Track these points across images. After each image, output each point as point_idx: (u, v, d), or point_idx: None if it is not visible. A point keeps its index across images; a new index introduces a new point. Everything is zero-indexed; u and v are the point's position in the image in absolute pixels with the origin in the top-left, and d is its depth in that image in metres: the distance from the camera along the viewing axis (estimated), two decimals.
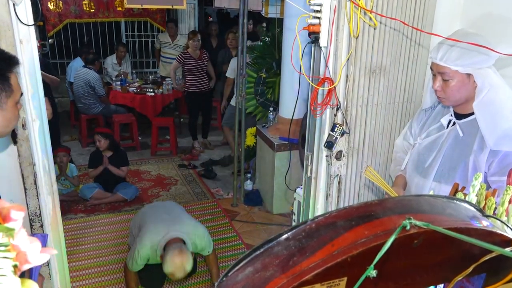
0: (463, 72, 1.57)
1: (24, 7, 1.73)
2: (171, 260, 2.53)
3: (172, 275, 2.55)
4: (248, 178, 4.57)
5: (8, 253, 0.51)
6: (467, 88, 1.60)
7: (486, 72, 1.57)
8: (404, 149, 1.98)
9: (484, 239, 0.69)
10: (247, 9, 3.89)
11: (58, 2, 7.06)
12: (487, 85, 1.57)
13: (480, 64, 1.55)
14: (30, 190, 1.92)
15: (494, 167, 1.58)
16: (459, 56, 1.55)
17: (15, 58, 1.29)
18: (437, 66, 1.62)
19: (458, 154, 1.67)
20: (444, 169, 1.71)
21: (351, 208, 0.76)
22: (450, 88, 1.61)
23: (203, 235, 2.85)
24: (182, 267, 2.53)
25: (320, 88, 2.01)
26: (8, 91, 1.25)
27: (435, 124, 1.80)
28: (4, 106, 1.26)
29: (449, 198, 0.88)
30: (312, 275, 0.66)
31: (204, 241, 2.83)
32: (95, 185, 4.42)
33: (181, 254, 2.55)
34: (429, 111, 1.88)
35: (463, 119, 1.69)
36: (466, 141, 1.66)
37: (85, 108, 5.80)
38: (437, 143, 1.76)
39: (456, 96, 1.63)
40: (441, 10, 2.10)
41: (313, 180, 2.20)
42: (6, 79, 1.25)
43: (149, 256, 2.70)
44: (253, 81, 4.79)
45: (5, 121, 1.29)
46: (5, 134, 1.37)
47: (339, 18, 1.88)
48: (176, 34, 6.89)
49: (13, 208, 0.53)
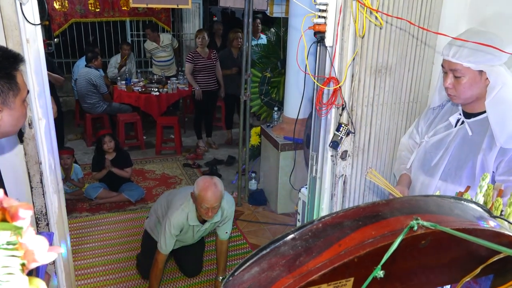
0: (476, 69, 1.57)
1: (30, 6, 1.74)
2: (202, 180, 2.55)
3: (205, 191, 2.50)
4: (252, 178, 4.57)
5: (16, 251, 0.52)
6: (478, 86, 1.60)
7: (499, 70, 1.56)
8: (409, 147, 1.98)
9: (492, 240, 0.69)
10: (252, 8, 3.89)
11: (64, 1, 7.09)
12: (499, 82, 1.56)
13: (493, 61, 1.55)
14: (36, 188, 1.93)
15: (503, 166, 1.58)
16: (471, 53, 1.55)
17: (20, 55, 1.29)
18: (449, 63, 1.61)
19: (466, 153, 1.67)
20: (451, 168, 1.71)
21: (358, 208, 0.76)
22: (462, 85, 1.60)
23: (232, 202, 2.87)
24: (214, 185, 2.52)
25: (325, 88, 2.01)
26: (15, 90, 1.25)
27: (443, 123, 1.79)
28: (12, 105, 1.25)
29: (456, 198, 0.88)
30: (319, 275, 0.65)
31: (231, 209, 2.85)
32: (100, 185, 4.43)
33: (212, 177, 2.58)
34: (437, 110, 1.87)
35: (473, 118, 1.69)
36: (475, 140, 1.65)
37: (89, 107, 5.81)
38: (445, 142, 1.75)
39: (467, 94, 1.62)
40: (448, 9, 2.09)
41: (318, 180, 2.20)
42: (13, 78, 1.25)
43: (182, 222, 2.68)
44: (258, 80, 4.78)
45: (14, 120, 1.28)
46: (13, 132, 1.37)
47: (344, 17, 1.87)
48: (158, 36, 6.76)
49: (21, 206, 0.53)
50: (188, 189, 2.83)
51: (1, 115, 1.24)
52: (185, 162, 5.47)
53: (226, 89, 5.87)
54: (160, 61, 6.85)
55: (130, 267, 3.34)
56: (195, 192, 2.56)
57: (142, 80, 6.47)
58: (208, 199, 2.51)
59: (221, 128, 6.45)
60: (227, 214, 2.81)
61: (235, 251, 3.64)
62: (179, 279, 3.23)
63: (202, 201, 2.52)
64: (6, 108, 1.24)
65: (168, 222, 2.66)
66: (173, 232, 2.68)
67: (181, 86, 6.20)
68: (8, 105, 1.25)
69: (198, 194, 2.53)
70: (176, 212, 2.66)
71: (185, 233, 2.80)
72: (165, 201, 2.96)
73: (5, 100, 1.23)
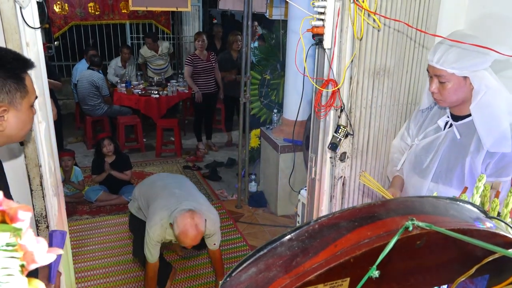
0: (460, 75, 1.58)
1: (30, 10, 1.75)
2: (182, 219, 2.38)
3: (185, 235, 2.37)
4: (252, 180, 4.58)
5: (15, 252, 0.52)
6: (463, 90, 1.62)
7: (483, 74, 1.58)
8: (401, 149, 2.00)
9: (487, 241, 0.69)
10: (251, 11, 3.90)
11: (64, 4, 7.10)
12: (483, 87, 1.58)
13: (477, 66, 1.56)
14: (36, 191, 1.93)
15: (491, 168, 1.60)
16: (456, 59, 1.56)
17: (30, 61, 1.25)
18: (434, 69, 1.63)
19: (455, 155, 1.69)
20: (442, 170, 1.73)
21: (354, 209, 0.76)
22: (447, 90, 1.62)
23: (216, 220, 2.69)
24: (195, 227, 2.37)
25: (324, 90, 2.02)
26: (23, 92, 1.21)
27: (432, 126, 1.81)
28: (18, 107, 1.21)
29: (452, 199, 0.88)
30: (315, 276, 0.66)
31: (215, 227, 2.66)
32: (100, 188, 4.44)
33: (193, 214, 2.40)
34: (426, 112, 1.89)
35: (460, 120, 1.71)
36: (463, 143, 1.68)
37: (90, 110, 5.82)
38: (434, 145, 1.77)
39: (453, 98, 1.64)
40: (445, 11, 2.10)
41: (317, 182, 2.20)
42: (21, 80, 1.21)
43: (161, 236, 2.59)
44: (257, 83, 4.80)
45: (20, 123, 1.23)
46: (17, 138, 1.30)
47: (343, 20, 1.88)
48: (157, 46, 6.79)
49: (20, 208, 0.53)
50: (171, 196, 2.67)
51: (7, 116, 1.19)
52: (185, 165, 5.48)
53: (226, 91, 5.88)
54: (156, 69, 6.89)
55: (130, 270, 3.34)
56: (175, 230, 2.43)
57: (142, 82, 6.49)
58: (188, 242, 2.42)
59: (221, 130, 6.46)
60: (210, 230, 2.64)
61: (235, 253, 3.64)
62: (181, 281, 3.23)
63: (180, 240, 2.43)
64: (13, 108, 1.20)
65: (148, 235, 2.60)
66: (154, 243, 2.61)
67: (181, 88, 6.22)
68: (15, 106, 1.20)
69: (177, 235, 2.42)
70: (155, 227, 2.57)
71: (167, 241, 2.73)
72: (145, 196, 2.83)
73: (12, 100, 1.19)
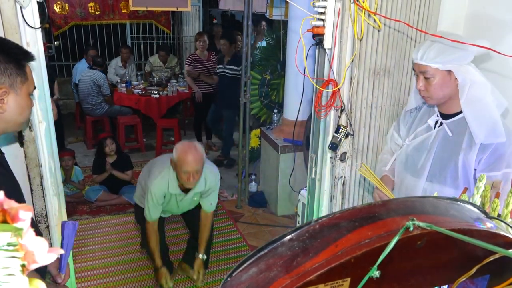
0: (443, 69, 1.62)
1: (31, 10, 1.75)
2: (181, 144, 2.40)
3: (185, 155, 2.36)
4: (252, 180, 4.58)
5: (16, 252, 0.52)
6: (449, 85, 1.65)
7: (466, 69, 1.62)
8: (391, 150, 2.01)
9: (488, 241, 0.69)
10: (251, 11, 3.90)
11: (64, 4, 7.10)
12: (468, 81, 1.61)
13: (459, 60, 1.60)
14: (36, 191, 1.93)
15: (483, 163, 1.63)
16: (437, 54, 1.61)
17: (31, 53, 1.30)
18: (418, 66, 1.67)
19: (449, 153, 1.71)
20: (436, 169, 1.75)
21: (355, 209, 0.76)
22: (432, 86, 1.65)
23: (217, 173, 2.72)
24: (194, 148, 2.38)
25: (324, 90, 2.02)
26: (23, 77, 1.25)
27: (422, 126, 1.83)
28: (18, 92, 1.24)
29: (452, 199, 0.88)
30: (316, 276, 0.66)
31: (215, 181, 2.70)
32: (100, 187, 4.44)
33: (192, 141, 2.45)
34: (414, 113, 1.91)
35: (450, 119, 1.73)
36: (455, 140, 1.70)
37: (90, 109, 5.82)
38: (426, 144, 1.79)
39: (440, 94, 1.67)
40: (446, 11, 2.10)
41: (318, 182, 2.20)
42: (22, 67, 1.25)
43: (163, 190, 2.55)
44: (257, 83, 4.80)
45: (19, 108, 1.26)
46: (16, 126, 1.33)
47: (343, 20, 1.88)
48: (167, 60, 6.89)
49: (21, 208, 0.54)
50: (168, 155, 2.67)
51: (7, 99, 1.22)
52: None
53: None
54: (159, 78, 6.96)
55: (130, 269, 3.34)
56: (174, 157, 2.41)
57: (142, 82, 6.49)
58: (189, 162, 2.36)
59: None
60: (210, 185, 2.65)
61: (235, 253, 3.64)
62: (181, 281, 3.23)
63: (182, 165, 2.37)
64: (13, 92, 1.23)
65: (149, 192, 2.56)
66: (156, 201, 2.57)
67: (181, 88, 6.22)
68: (15, 89, 1.23)
69: (177, 158, 2.39)
70: (155, 181, 2.53)
71: (168, 201, 2.68)
72: (146, 171, 2.85)
73: (12, 84, 1.22)
